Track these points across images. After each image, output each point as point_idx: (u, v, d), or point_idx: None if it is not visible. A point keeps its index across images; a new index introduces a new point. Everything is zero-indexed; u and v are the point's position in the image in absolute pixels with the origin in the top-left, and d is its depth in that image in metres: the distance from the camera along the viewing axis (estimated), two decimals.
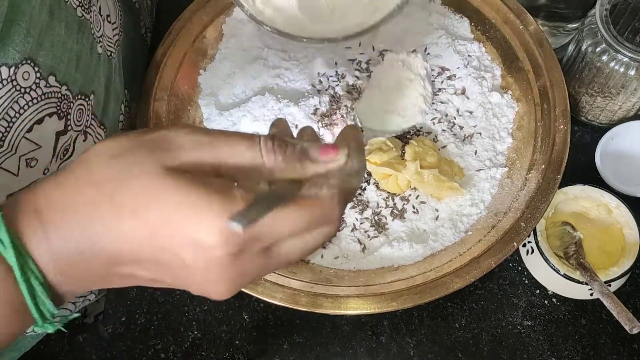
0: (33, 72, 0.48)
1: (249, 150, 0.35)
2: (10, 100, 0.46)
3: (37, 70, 0.48)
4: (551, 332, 0.66)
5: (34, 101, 0.48)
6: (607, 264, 0.65)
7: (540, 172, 0.64)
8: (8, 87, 0.46)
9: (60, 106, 0.52)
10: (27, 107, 0.48)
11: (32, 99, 0.48)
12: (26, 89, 0.48)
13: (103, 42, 0.60)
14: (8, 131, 0.47)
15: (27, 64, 0.47)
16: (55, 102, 0.51)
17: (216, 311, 0.68)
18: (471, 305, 0.68)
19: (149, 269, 0.35)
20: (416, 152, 0.66)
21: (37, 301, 0.35)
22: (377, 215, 0.66)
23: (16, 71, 0.46)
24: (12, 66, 0.46)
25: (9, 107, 0.46)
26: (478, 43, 0.74)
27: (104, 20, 0.61)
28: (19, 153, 0.48)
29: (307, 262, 0.64)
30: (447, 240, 0.64)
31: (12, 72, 0.46)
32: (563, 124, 0.66)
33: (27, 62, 0.47)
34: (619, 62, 0.67)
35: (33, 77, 0.48)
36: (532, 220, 0.62)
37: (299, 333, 0.67)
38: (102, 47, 0.59)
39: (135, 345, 0.67)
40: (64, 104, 0.52)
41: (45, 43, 0.49)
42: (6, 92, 0.46)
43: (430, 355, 0.66)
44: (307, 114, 0.69)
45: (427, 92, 0.70)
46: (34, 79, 0.48)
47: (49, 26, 0.49)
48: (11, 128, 0.47)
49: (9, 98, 0.46)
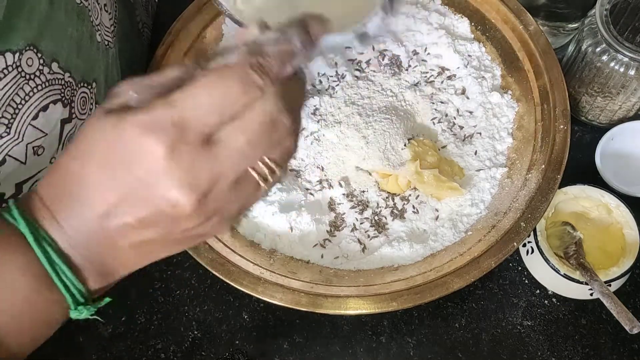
0: (36, 58, 0.48)
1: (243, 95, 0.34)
2: (16, 86, 0.47)
3: (40, 57, 0.48)
4: (551, 332, 0.66)
5: (38, 87, 0.49)
6: (607, 264, 0.65)
7: (540, 172, 0.64)
8: (13, 73, 0.46)
9: (64, 93, 0.52)
10: (32, 94, 0.48)
11: (37, 85, 0.49)
12: (30, 75, 0.48)
13: (101, 31, 0.60)
14: (14, 118, 0.47)
15: (31, 50, 0.47)
16: (59, 89, 0.52)
17: (216, 311, 0.68)
18: (471, 305, 0.68)
19: (125, 209, 0.35)
20: (416, 152, 0.66)
21: (56, 269, 0.36)
22: (377, 215, 0.66)
23: (20, 57, 0.46)
24: (17, 52, 0.46)
25: (14, 93, 0.47)
26: (478, 43, 0.74)
27: (101, 9, 0.61)
28: (25, 140, 0.49)
29: (307, 262, 0.64)
30: (447, 240, 0.64)
31: (17, 58, 0.46)
32: (563, 124, 0.66)
33: (30, 48, 0.47)
34: (619, 62, 0.67)
35: (37, 63, 0.48)
36: (532, 220, 0.62)
37: (299, 333, 0.67)
38: (100, 36, 0.60)
39: (135, 345, 0.67)
40: (68, 91, 0.53)
41: (47, 30, 0.49)
42: (12, 78, 0.46)
43: (430, 355, 0.66)
44: (307, 113, 0.69)
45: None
46: (37, 65, 0.48)
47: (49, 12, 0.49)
48: (17, 115, 0.47)
49: (15, 84, 0.46)
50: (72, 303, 0.37)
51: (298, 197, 0.66)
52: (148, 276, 0.69)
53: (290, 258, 0.64)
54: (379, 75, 0.72)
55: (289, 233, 0.64)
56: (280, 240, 0.64)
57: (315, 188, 0.67)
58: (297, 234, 0.64)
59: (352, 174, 0.67)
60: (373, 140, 0.66)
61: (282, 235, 0.64)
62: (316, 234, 0.65)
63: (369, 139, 0.66)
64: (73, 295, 0.37)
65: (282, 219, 0.64)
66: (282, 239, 0.64)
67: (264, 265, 0.62)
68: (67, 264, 0.36)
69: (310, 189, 0.67)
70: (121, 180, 0.34)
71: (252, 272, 0.61)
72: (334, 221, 0.66)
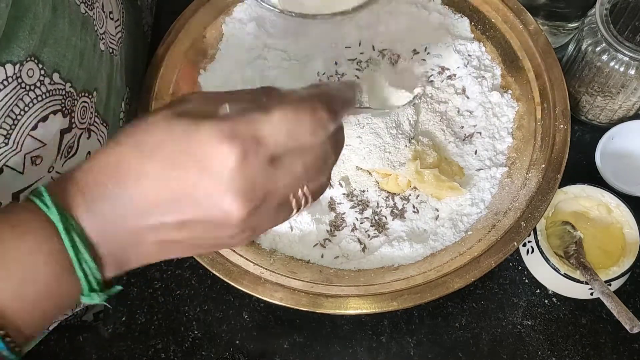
0: (37, 69, 0.48)
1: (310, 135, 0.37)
2: (15, 97, 0.46)
3: (41, 68, 0.48)
4: (551, 331, 0.66)
5: (38, 98, 0.48)
6: (607, 264, 0.65)
7: (540, 172, 0.64)
8: (13, 84, 0.46)
9: (64, 103, 0.52)
10: (31, 105, 0.48)
11: (37, 96, 0.48)
12: (31, 87, 0.48)
13: (106, 39, 0.60)
14: (13, 129, 0.47)
15: (32, 61, 0.47)
16: (60, 99, 0.51)
17: (216, 311, 0.68)
18: (471, 305, 0.68)
19: (171, 209, 0.36)
20: (416, 152, 0.66)
21: (79, 258, 0.36)
22: (377, 215, 0.66)
23: (21, 68, 0.46)
24: (17, 63, 0.46)
25: (14, 104, 0.46)
26: (478, 42, 0.74)
27: (107, 17, 0.61)
28: (24, 151, 0.49)
29: (307, 262, 0.64)
30: (447, 240, 0.64)
31: (17, 69, 0.46)
32: (563, 124, 0.66)
33: (31, 59, 0.47)
34: (619, 61, 0.67)
35: (37, 74, 0.48)
36: (532, 219, 0.62)
37: (299, 333, 0.67)
38: (105, 44, 0.59)
39: (135, 345, 0.67)
40: (69, 101, 0.52)
41: (49, 40, 0.49)
42: (11, 89, 0.46)
43: (431, 354, 0.66)
44: None
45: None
46: (38, 76, 0.48)
47: (53, 22, 0.49)
48: (16, 126, 0.47)
49: (14, 95, 0.46)
50: (87, 290, 0.37)
51: None
52: (148, 276, 0.69)
53: (290, 258, 0.64)
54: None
55: (289, 233, 0.64)
56: (280, 240, 0.64)
57: None
58: (297, 233, 0.64)
59: (352, 174, 0.67)
60: (373, 139, 0.66)
61: (282, 235, 0.64)
62: (316, 233, 0.65)
63: (368, 138, 0.66)
64: (89, 282, 0.37)
65: None
66: (282, 238, 0.64)
67: (264, 265, 0.62)
68: (90, 254, 0.36)
69: None
70: (182, 180, 0.35)
71: (252, 272, 0.61)
72: (334, 221, 0.66)
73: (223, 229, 0.37)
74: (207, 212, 0.36)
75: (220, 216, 0.36)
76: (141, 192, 0.35)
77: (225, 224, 0.36)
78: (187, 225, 0.36)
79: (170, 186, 0.35)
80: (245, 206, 0.35)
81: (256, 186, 0.36)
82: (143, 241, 0.37)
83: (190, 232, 0.37)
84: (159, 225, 0.36)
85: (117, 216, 0.36)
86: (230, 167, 0.34)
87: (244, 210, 0.35)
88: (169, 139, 0.35)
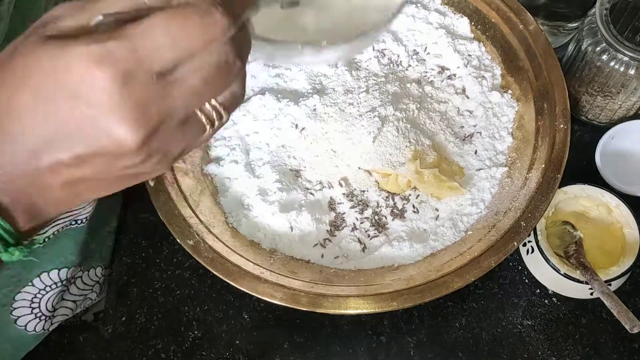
0: None
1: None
2: None
3: None
4: (551, 331, 0.67)
5: None
6: (607, 263, 0.65)
7: (540, 172, 0.64)
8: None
9: None
10: None
11: None
12: None
13: None
14: None
15: None
16: None
17: (216, 311, 0.68)
18: (471, 305, 0.68)
19: (60, 145, 0.33)
20: (416, 152, 0.66)
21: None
22: (377, 215, 0.66)
23: None
24: None
25: None
26: (478, 42, 0.74)
27: None
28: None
29: (307, 262, 0.64)
30: (447, 240, 0.64)
31: None
32: (563, 123, 0.66)
33: None
34: (618, 61, 0.67)
35: None
36: (532, 219, 0.62)
37: (299, 333, 0.67)
38: None
39: (135, 345, 0.67)
40: None
41: None
42: None
43: (431, 354, 0.66)
44: (307, 113, 0.69)
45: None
46: None
47: None
48: None
49: None
50: (1, 245, 0.35)
51: (298, 197, 0.66)
52: (148, 276, 0.69)
53: (290, 258, 0.64)
54: (378, 74, 0.72)
55: (289, 233, 0.64)
56: (280, 240, 0.64)
57: (315, 188, 0.67)
58: (297, 233, 0.64)
59: (352, 174, 0.67)
60: (373, 139, 0.66)
61: (282, 235, 0.64)
62: (316, 233, 0.65)
63: (368, 138, 0.66)
64: (1, 236, 0.35)
65: (282, 218, 0.64)
66: (282, 238, 0.64)
67: (264, 265, 0.62)
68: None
69: (310, 188, 0.67)
70: (59, 112, 0.32)
71: (252, 272, 0.61)
72: (334, 221, 0.66)
73: (124, 159, 0.34)
74: (98, 143, 0.33)
75: (113, 145, 0.33)
76: (23, 132, 0.33)
77: (123, 153, 0.33)
78: (85, 160, 0.34)
79: (52, 120, 0.32)
80: (138, 131, 0.32)
81: (146, 108, 0.32)
82: (47, 185, 0.35)
83: (91, 167, 0.34)
84: (55, 165, 0.34)
85: (11, 161, 0.33)
86: (109, 92, 0.31)
87: (138, 135, 0.32)
88: (37, 68, 0.32)
